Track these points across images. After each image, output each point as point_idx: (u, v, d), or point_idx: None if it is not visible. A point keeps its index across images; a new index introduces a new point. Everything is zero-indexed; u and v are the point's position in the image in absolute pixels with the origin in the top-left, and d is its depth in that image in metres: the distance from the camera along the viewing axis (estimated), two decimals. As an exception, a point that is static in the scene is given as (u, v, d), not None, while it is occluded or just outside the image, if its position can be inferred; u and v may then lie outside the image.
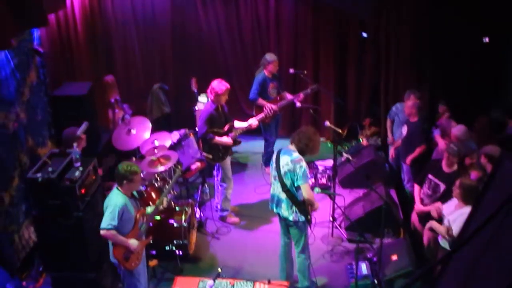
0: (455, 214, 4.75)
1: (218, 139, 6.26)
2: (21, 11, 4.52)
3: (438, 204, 5.32)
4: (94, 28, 7.89)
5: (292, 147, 4.96)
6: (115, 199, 4.50)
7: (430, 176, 5.62)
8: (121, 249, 4.53)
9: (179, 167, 5.89)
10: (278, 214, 5.14)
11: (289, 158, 4.88)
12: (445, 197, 5.34)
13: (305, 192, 4.80)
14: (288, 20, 8.39)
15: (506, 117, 6.65)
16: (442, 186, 5.42)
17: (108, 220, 4.42)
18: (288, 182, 4.87)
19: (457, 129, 6.08)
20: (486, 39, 7.66)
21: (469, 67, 7.85)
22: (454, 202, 4.88)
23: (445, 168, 5.46)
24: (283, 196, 4.94)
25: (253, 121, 6.72)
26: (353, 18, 8.21)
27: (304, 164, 4.83)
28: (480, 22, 7.36)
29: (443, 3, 7.51)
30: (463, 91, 7.80)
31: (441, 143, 6.47)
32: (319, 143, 5.01)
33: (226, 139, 6.34)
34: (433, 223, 5.09)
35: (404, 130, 6.86)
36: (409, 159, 6.73)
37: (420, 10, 7.79)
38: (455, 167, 5.41)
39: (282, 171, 4.89)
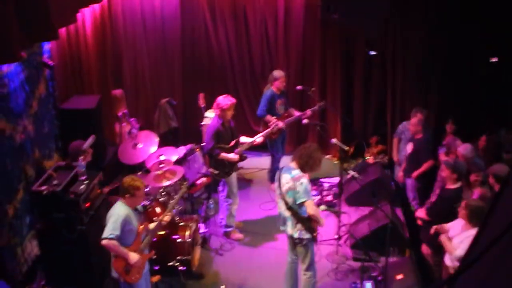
0: (461, 235, 4.68)
1: (224, 154, 6.25)
2: (31, 24, 4.57)
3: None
4: (104, 43, 7.95)
5: (293, 164, 4.94)
6: (118, 210, 4.51)
7: (436, 189, 5.69)
8: (122, 262, 4.50)
9: (185, 183, 5.88)
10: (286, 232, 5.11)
11: (289, 176, 4.87)
12: (433, 208, 5.49)
13: (309, 208, 4.78)
14: (296, 37, 8.45)
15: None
16: (434, 198, 5.52)
17: (110, 230, 4.40)
18: (290, 200, 4.86)
19: (463, 148, 6.03)
20: (495, 59, 7.64)
21: (477, 84, 7.81)
22: (460, 222, 4.81)
23: (447, 184, 5.46)
24: (287, 214, 4.93)
25: (259, 137, 6.72)
26: (360, 36, 8.24)
27: (304, 180, 4.81)
28: (488, 40, 7.35)
29: (450, 19, 7.52)
30: (470, 109, 7.75)
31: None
32: (320, 160, 4.97)
33: (232, 155, 6.33)
34: (442, 237, 4.96)
35: (409, 147, 6.83)
36: (415, 173, 6.69)
37: (427, 27, 7.80)
38: (457, 185, 5.37)
39: (283, 189, 4.89)
